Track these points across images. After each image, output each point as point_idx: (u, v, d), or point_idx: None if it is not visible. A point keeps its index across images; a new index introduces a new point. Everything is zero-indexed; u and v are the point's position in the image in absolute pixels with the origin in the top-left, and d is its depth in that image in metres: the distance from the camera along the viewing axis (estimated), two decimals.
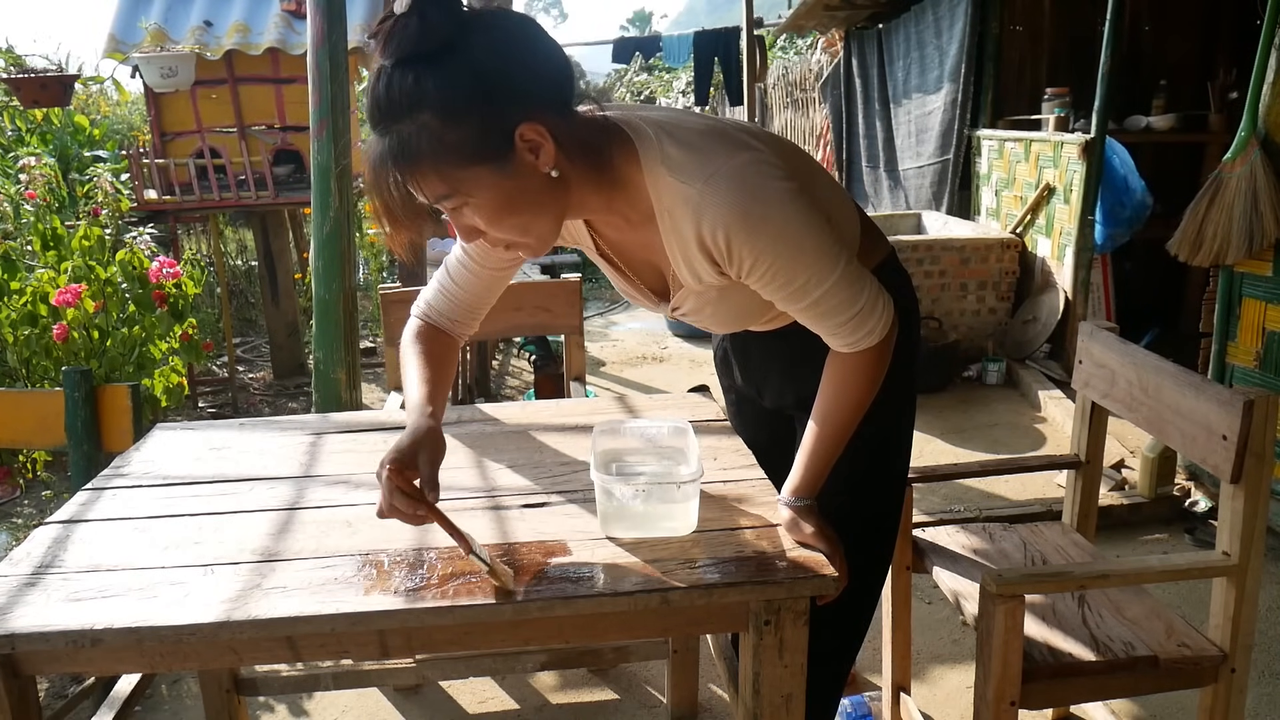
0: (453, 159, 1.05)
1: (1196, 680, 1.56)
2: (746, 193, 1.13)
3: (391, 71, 1.03)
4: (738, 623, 1.24)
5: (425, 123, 1.03)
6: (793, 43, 11.64)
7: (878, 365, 1.27)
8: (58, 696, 2.17)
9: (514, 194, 1.10)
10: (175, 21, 4.26)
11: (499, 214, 1.12)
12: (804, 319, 1.24)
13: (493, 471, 1.57)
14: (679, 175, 1.15)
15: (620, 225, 1.29)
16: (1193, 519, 3.05)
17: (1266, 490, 1.50)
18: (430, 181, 1.07)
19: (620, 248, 1.36)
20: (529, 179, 1.10)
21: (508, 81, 1.05)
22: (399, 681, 2.18)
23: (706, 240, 1.16)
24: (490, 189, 1.09)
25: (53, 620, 1.13)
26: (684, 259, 1.22)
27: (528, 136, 1.07)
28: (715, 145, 1.16)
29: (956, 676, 2.31)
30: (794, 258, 1.15)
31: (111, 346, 3.02)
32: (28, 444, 2.77)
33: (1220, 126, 4.58)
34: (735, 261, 1.17)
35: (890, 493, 1.54)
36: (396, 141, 1.05)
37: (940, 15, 5.29)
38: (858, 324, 1.22)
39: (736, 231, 1.13)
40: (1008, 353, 4.55)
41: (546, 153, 1.08)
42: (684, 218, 1.16)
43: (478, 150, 1.06)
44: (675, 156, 1.15)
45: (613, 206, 1.23)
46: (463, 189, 1.08)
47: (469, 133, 1.04)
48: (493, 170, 1.07)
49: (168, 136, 4.24)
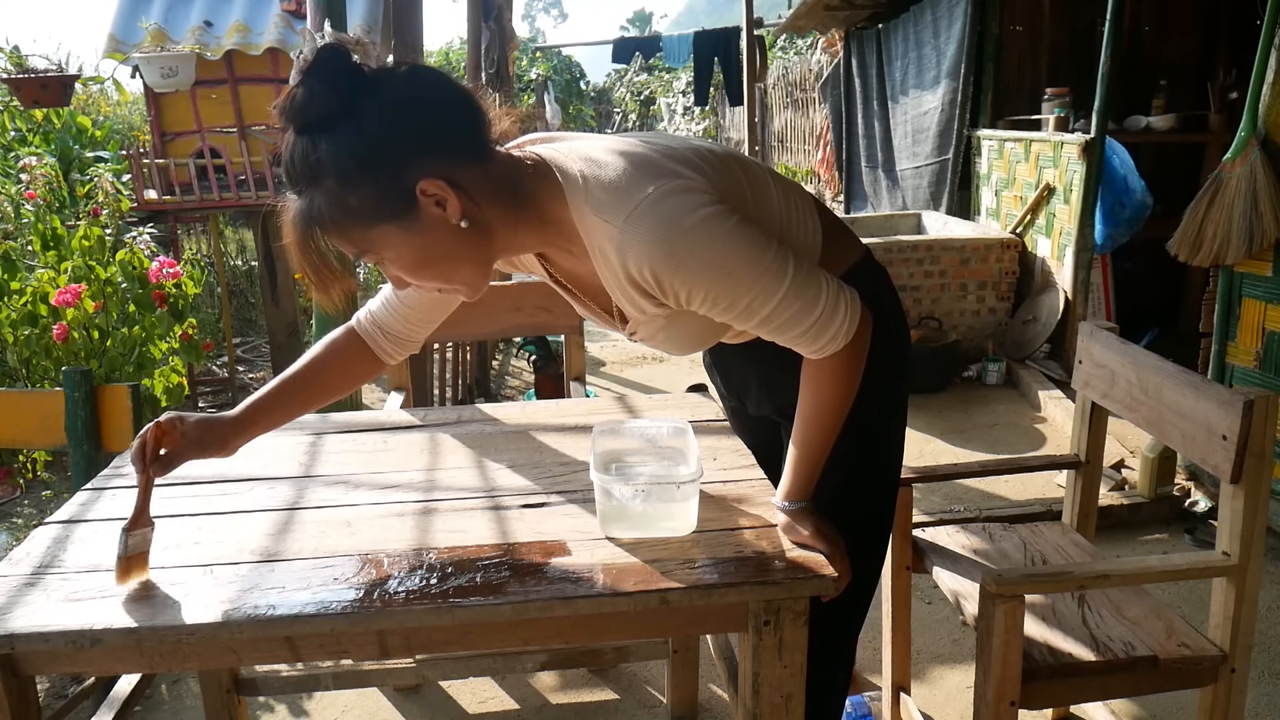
0: (356, 221, 1.08)
1: (1196, 680, 1.56)
2: (666, 225, 1.11)
3: (294, 141, 1.06)
4: (737, 623, 1.24)
5: (328, 188, 1.06)
6: (793, 43, 11.64)
7: (851, 367, 1.25)
8: (58, 696, 2.17)
9: (426, 247, 1.11)
10: (175, 21, 4.26)
11: (416, 267, 1.13)
12: (763, 334, 1.22)
13: (493, 471, 1.57)
14: (602, 214, 1.13)
15: (564, 255, 1.28)
16: (1193, 519, 3.05)
17: (1266, 490, 1.50)
18: (341, 243, 1.10)
19: (572, 275, 1.34)
20: (439, 231, 1.10)
21: (401, 140, 1.06)
22: (399, 681, 2.19)
23: (635, 277, 1.15)
24: (400, 245, 1.10)
25: (53, 620, 1.13)
26: (623, 294, 1.21)
27: (429, 191, 1.07)
28: (638, 179, 1.13)
29: (956, 676, 2.31)
30: (730, 281, 1.13)
31: (111, 346, 3.02)
32: (28, 444, 2.77)
33: (1220, 126, 4.58)
34: (670, 294, 1.16)
35: (882, 496, 1.52)
36: (307, 205, 1.08)
37: (939, 15, 5.28)
38: (819, 330, 1.19)
39: (661, 266, 1.12)
40: (1008, 353, 4.55)
41: (452, 205, 1.09)
42: (611, 254, 1.15)
43: (379, 210, 1.07)
44: (598, 195, 1.14)
45: (550, 243, 1.23)
46: (372, 248, 1.10)
47: (368, 194, 1.06)
48: (398, 228, 1.08)
49: (168, 136, 4.24)
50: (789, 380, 1.31)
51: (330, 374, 1.41)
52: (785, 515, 1.30)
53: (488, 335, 3.96)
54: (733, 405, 1.67)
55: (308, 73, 1.04)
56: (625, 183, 1.13)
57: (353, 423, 1.85)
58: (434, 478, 1.55)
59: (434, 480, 1.54)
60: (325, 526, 1.37)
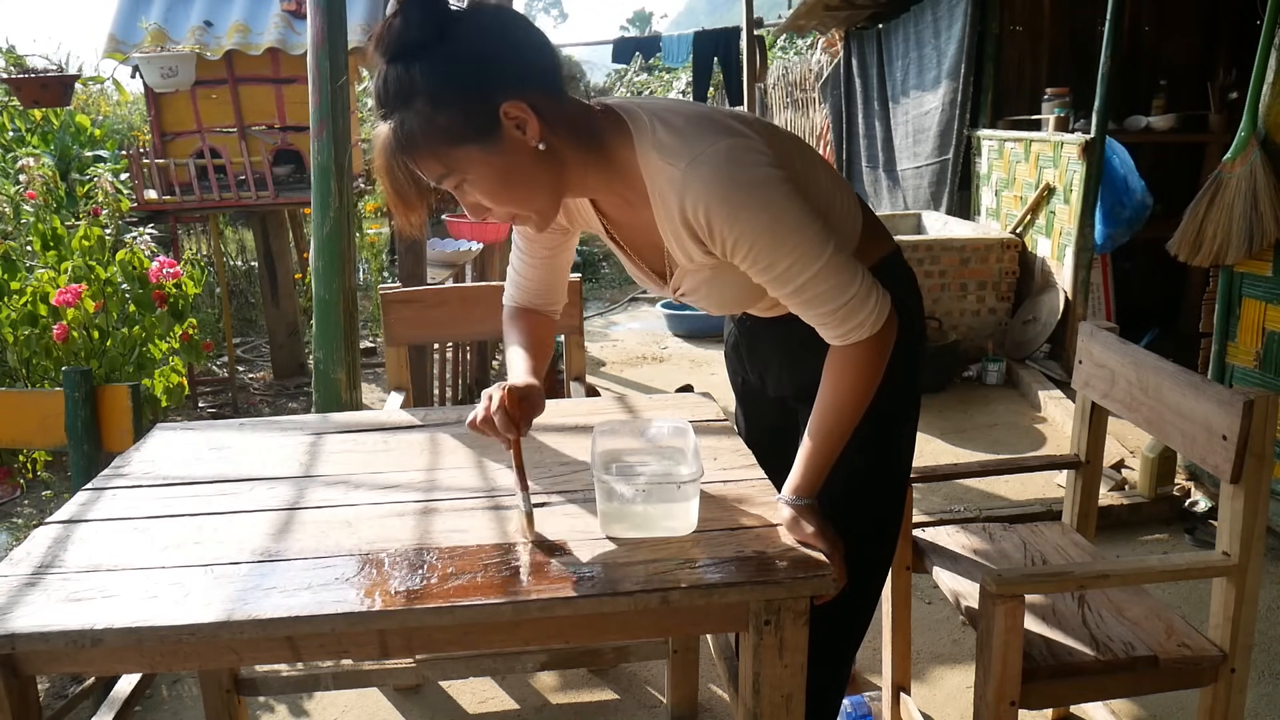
0: (444, 140, 1.15)
1: (1196, 680, 1.56)
2: (728, 174, 1.18)
3: (387, 68, 1.14)
4: (738, 623, 1.24)
5: (418, 110, 1.13)
6: (793, 43, 11.64)
7: (874, 361, 1.27)
8: (58, 696, 2.17)
9: (506, 169, 1.18)
10: (175, 21, 4.25)
11: (495, 189, 1.20)
12: (792, 305, 1.27)
13: (493, 471, 1.57)
14: (667, 157, 1.21)
15: (622, 206, 1.35)
16: (1193, 519, 3.05)
17: (1266, 490, 1.50)
18: (428, 163, 1.17)
19: (624, 229, 1.42)
20: (519, 154, 1.18)
21: (489, 64, 1.15)
22: (399, 681, 2.19)
23: (689, 218, 1.22)
24: (483, 165, 1.17)
25: (53, 620, 1.13)
26: (675, 239, 1.28)
27: (512, 114, 1.15)
28: (703, 130, 1.22)
29: (956, 676, 2.31)
30: (775, 241, 1.19)
31: (111, 346, 3.02)
32: (28, 444, 2.77)
33: (1220, 126, 4.58)
34: (718, 240, 1.22)
35: (891, 496, 1.54)
36: (396, 129, 1.15)
37: (939, 15, 5.28)
38: (846, 315, 1.23)
39: (716, 211, 1.19)
40: (1008, 353, 4.55)
41: (532, 127, 1.16)
42: (670, 197, 1.22)
43: (465, 130, 1.15)
44: (665, 140, 1.22)
45: (612, 188, 1.31)
46: (458, 168, 1.17)
47: (456, 114, 1.14)
48: (481, 149, 1.16)
49: (168, 136, 4.24)
50: (813, 362, 1.33)
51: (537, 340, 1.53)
52: (790, 510, 1.30)
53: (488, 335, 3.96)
54: (750, 384, 1.68)
55: (404, 4, 1.13)
56: (692, 132, 1.21)
57: (353, 423, 1.85)
58: (434, 478, 1.55)
59: (434, 480, 1.54)
60: (325, 526, 1.37)
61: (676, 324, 5.89)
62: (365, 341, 5.28)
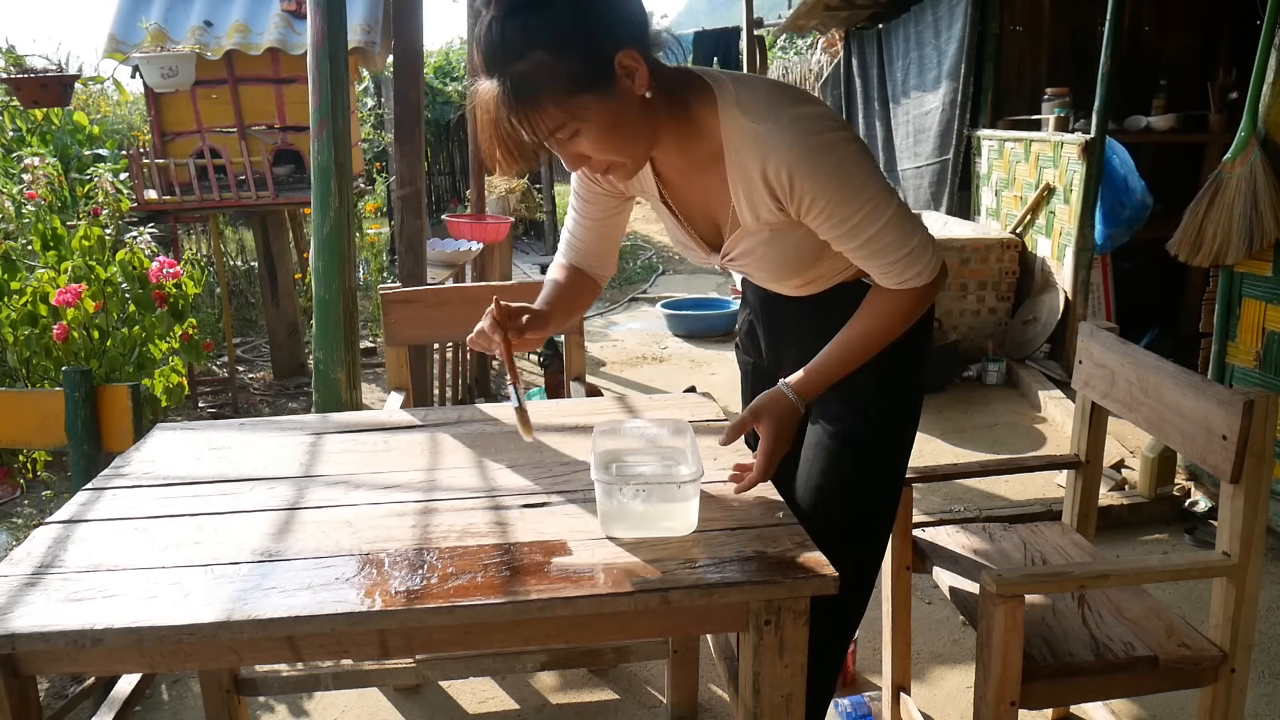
0: (562, 89, 1.19)
1: (1196, 680, 1.56)
2: (810, 134, 1.27)
3: (503, 20, 1.17)
4: (738, 623, 1.24)
5: (539, 60, 1.17)
6: (793, 43, 11.63)
7: (918, 306, 1.40)
8: (58, 696, 2.17)
9: (618, 117, 1.24)
10: (175, 21, 4.25)
11: (605, 136, 1.25)
12: (857, 257, 1.36)
13: (493, 471, 1.57)
14: (750, 116, 1.29)
15: (684, 168, 1.41)
16: (1193, 519, 3.05)
17: (1266, 490, 1.50)
18: (548, 112, 1.20)
19: (680, 193, 1.47)
20: (628, 103, 1.24)
21: (604, 16, 1.21)
22: (399, 681, 2.18)
23: (770, 176, 1.29)
24: (599, 113, 1.22)
25: (53, 620, 1.13)
26: (746, 197, 1.35)
27: (625, 63, 1.21)
28: (783, 96, 1.31)
29: (956, 676, 2.31)
30: (849, 196, 1.29)
31: (111, 346, 3.02)
32: (28, 444, 2.77)
33: (1220, 126, 4.58)
34: (796, 198, 1.30)
35: (887, 496, 1.58)
36: (513, 81, 1.17)
37: (940, 15, 5.28)
38: (908, 263, 1.35)
39: (799, 168, 1.27)
40: (1008, 353, 4.55)
41: (641, 76, 1.22)
42: (751, 155, 1.30)
43: (582, 79, 1.19)
44: (747, 100, 1.30)
45: (685, 145, 1.36)
46: (577, 115, 1.21)
47: (576, 64, 1.18)
48: (598, 96, 1.21)
49: (168, 136, 4.23)
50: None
51: (574, 293, 1.60)
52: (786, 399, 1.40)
53: None
54: (762, 368, 1.72)
55: None
56: (773, 95, 1.31)
57: (353, 423, 1.85)
58: (434, 478, 1.55)
59: (434, 480, 1.54)
60: (325, 526, 1.37)
61: (676, 324, 5.89)
62: (365, 341, 5.28)
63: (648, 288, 7.43)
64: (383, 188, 6.34)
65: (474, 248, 4.38)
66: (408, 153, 3.18)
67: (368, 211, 5.56)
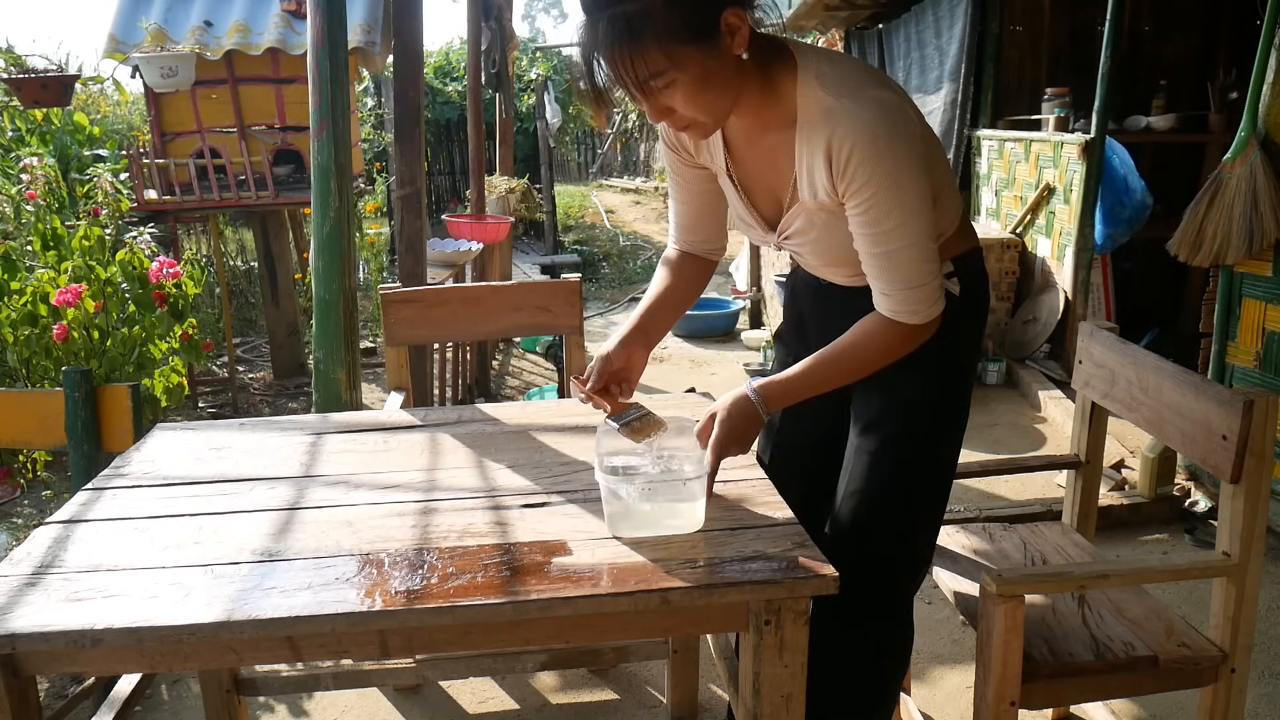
0: (673, 36, 1.20)
1: (1196, 680, 1.56)
2: (882, 121, 1.26)
3: None
4: (738, 623, 1.24)
5: (651, 4, 1.18)
6: None
7: (903, 345, 1.38)
8: (58, 696, 2.17)
9: (713, 72, 1.25)
10: (175, 21, 4.25)
11: (699, 90, 1.25)
12: (872, 266, 1.35)
13: (493, 471, 1.57)
14: (828, 89, 1.29)
15: (755, 133, 1.41)
16: (1193, 519, 3.05)
17: (1266, 490, 1.50)
18: (651, 56, 1.20)
19: (745, 165, 1.47)
20: (725, 60, 1.25)
21: None
22: (399, 681, 2.18)
23: (833, 149, 1.28)
24: (698, 65, 1.23)
25: (53, 620, 1.13)
26: (808, 170, 1.34)
27: (730, 21, 1.23)
28: (867, 75, 1.32)
29: (956, 676, 2.31)
30: (894, 198, 1.27)
31: (111, 346, 3.01)
32: (28, 444, 2.77)
33: (1220, 126, 4.58)
34: (848, 177, 1.28)
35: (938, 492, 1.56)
36: (621, 22, 1.19)
37: (940, 15, 5.28)
38: (911, 297, 1.33)
39: (860, 149, 1.26)
40: (1008, 353, 4.55)
41: (742, 36, 1.24)
42: (820, 127, 1.29)
43: (692, 28, 1.21)
44: (829, 74, 1.31)
45: (761, 109, 1.36)
46: (678, 64, 1.22)
47: (687, 14, 1.20)
48: (700, 49, 1.23)
49: (168, 136, 4.23)
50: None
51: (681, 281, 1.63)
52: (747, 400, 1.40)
53: (488, 335, 3.96)
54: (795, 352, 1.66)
55: None
56: (859, 74, 1.31)
57: (353, 423, 1.85)
58: (434, 478, 1.55)
59: (434, 480, 1.54)
60: (325, 526, 1.37)
61: (677, 324, 5.88)
62: (365, 341, 5.28)
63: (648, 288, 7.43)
64: (383, 188, 6.34)
65: (474, 248, 4.38)
66: (408, 153, 3.17)
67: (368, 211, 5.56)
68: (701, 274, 1.67)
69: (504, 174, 6.89)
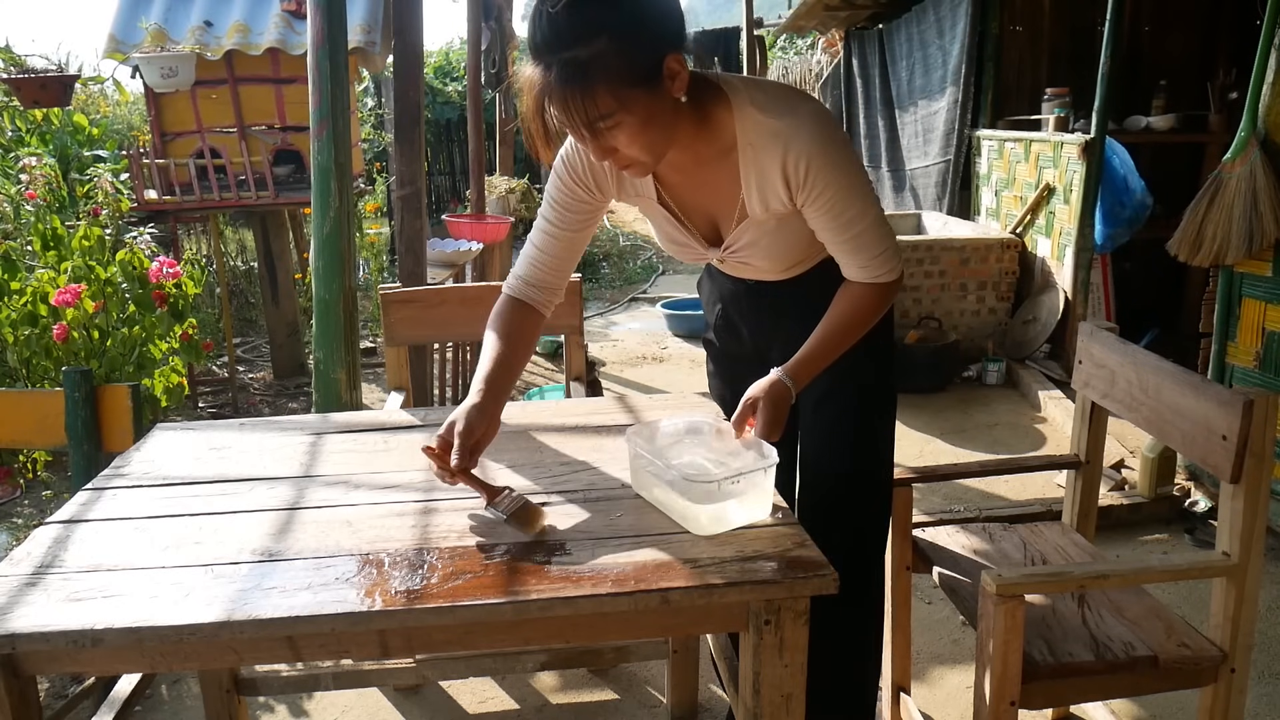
0: (621, 80, 1.26)
1: (1196, 680, 1.56)
2: (821, 130, 1.39)
3: (570, 8, 1.23)
4: (738, 623, 1.24)
5: (601, 48, 1.23)
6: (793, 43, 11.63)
7: (887, 299, 1.53)
8: (58, 696, 2.17)
9: (655, 115, 1.32)
10: (175, 22, 4.25)
11: (642, 130, 1.31)
12: (841, 249, 1.48)
13: (493, 471, 1.57)
14: (767, 113, 1.39)
15: (689, 166, 1.49)
16: (1193, 519, 3.05)
17: (1266, 490, 1.50)
18: (601, 99, 1.26)
19: (680, 193, 1.55)
20: (666, 103, 1.32)
21: (660, 18, 1.29)
22: (399, 681, 2.18)
23: (789, 166, 1.40)
24: (643, 107, 1.29)
25: (53, 620, 1.13)
26: (758, 188, 1.45)
27: (672, 66, 1.30)
28: (792, 94, 1.43)
29: (956, 676, 2.31)
30: (851, 191, 1.41)
31: (111, 346, 3.01)
32: (28, 444, 2.77)
33: (1220, 126, 4.58)
34: (808, 187, 1.40)
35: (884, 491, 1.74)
36: (573, 67, 1.23)
37: (942, 15, 5.28)
38: (881, 261, 1.47)
39: (815, 160, 1.38)
40: (1008, 353, 4.55)
41: (682, 80, 1.32)
42: (769, 148, 1.40)
43: (638, 74, 1.27)
44: (762, 100, 1.40)
45: (695, 142, 1.44)
46: (625, 106, 1.28)
47: (636, 59, 1.26)
48: (646, 92, 1.29)
49: (168, 136, 4.23)
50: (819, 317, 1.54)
51: (517, 342, 1.58)
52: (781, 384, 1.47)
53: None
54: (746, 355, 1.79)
55: None
56: (787, 94, 1.42)
57: (353, 423, 1.85)
58: (434, 478, 1.55)
59: (434, 480, 1.54)
60: (325, 526, 1.37)
61: (676, 324, 5.89)
62: (365, 341, 5.27)
63: (648, 288, 7.43)
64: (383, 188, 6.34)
65: (474, 248, 4.38)
66: (408, 153, 3.17)
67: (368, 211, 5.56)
68: (534, 331, 1.63)
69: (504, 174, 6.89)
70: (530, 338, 1.62)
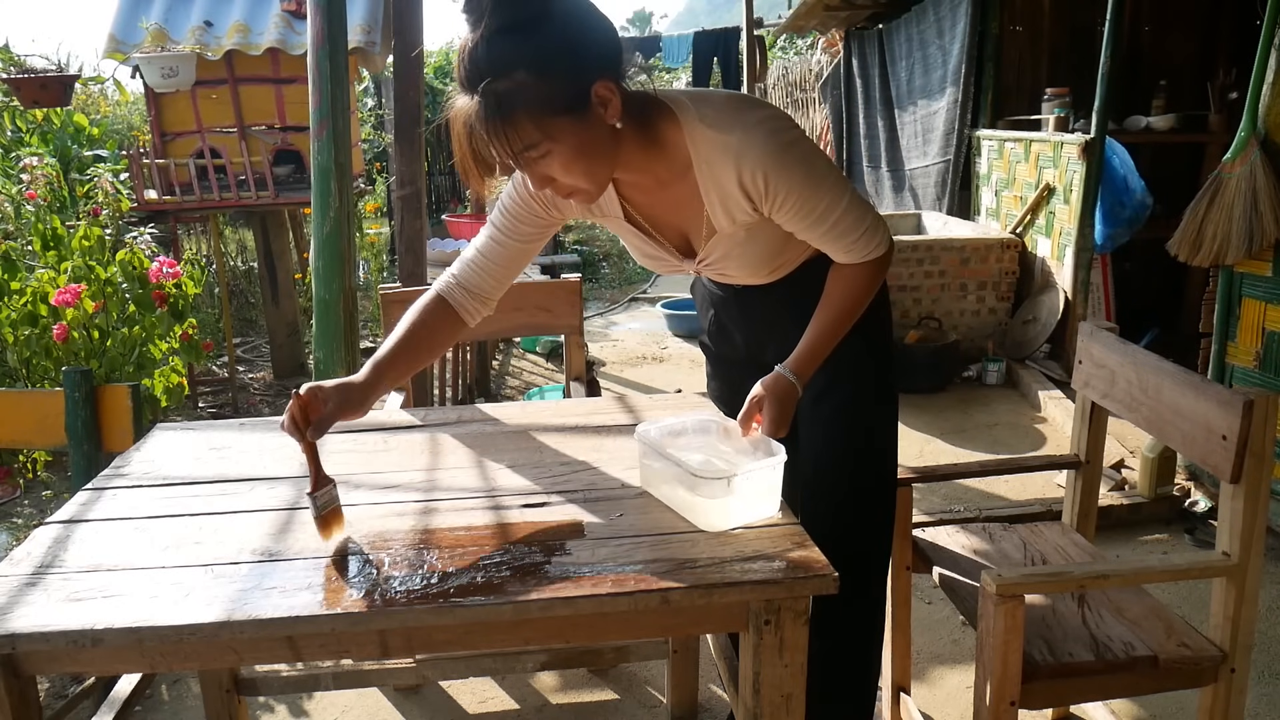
0: (543, 109, 1.22)
1: (1196, 680, 1.56)
2: (775, 136, 1.36)
3: (490, 39, 1.20)
4: (738, 623, 1.24)
5: (521, 79, 1.20)
6: (793, 43, 11.64)
7: (879, 275, 1.51)
8: (58, 696, 2.17)
9: (588, 143, 1.28)
10: (175, 21, 4.25)
11: (574, 160, 1.28)
12: (824, 240, 1.46)
13: (493, 471, 1.57)
14: (716, 128, 1.36)
15: (650, 187, 1.47)
16: (1193, 519, 3.05)
17: (1266, 490, 1.50)
18: (524, 129, 1.23)
19: (648, 211, 1.52)
20: (598, 130, 1.28)
21: (585, 45, 1.26)
22: (399, 681, 2.18)
23: (746, 181, 1.37)
24: (572, 137, 1.26)
25: (53, 620, 1.13)
26: (721, 203, 1.42)
27: (600, 93, 1.26)
28: (741, 105, 1.39)
29: (956, 676, 2.31)
30: (815, 188, 1.39)
31: (111, 346, 3.02)
32: (28, 444, 2.77)
33: (1220, 126, 4.58)
34: (770, 196, 1.38)
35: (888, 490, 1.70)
36: (493, 97, 1.20)
37: (942, 15, 5.28)
38: (866, 239, 1.45)
39: (772, 169, 1.36)
40: (1008, 353, 4.55)
41: (614, 106, 1.28)
42: (723, 164, 1.37)
43: (562, 101, 1.23)
44: (710, 115, 1.37)
45: (651, 164, 1.42)
46: (551, 136, 1.25)
47: (558, 86, 1.23)
48: (573, 120, 1.25)
49: (168, 136, 4.24)
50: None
51: (425, 339, 1.53)
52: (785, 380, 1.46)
53: (488, 335, 3.96)
54: (740, 357, 1.79)
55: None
56: (735, 105, 1.39)
57: (353, 423, 1.85)
58: (434, 478, 1.55)
59: (434, 480, 1.54)
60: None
61: (676, 324, 5.89)
62: (365, 341, 5.27)
63: (648, 288, 7.43)
64: (383, 188, 6.34)
65: None
66: (408, 153, 3.18)
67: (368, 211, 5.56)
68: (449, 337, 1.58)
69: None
70: (443, 342, 1.58)
